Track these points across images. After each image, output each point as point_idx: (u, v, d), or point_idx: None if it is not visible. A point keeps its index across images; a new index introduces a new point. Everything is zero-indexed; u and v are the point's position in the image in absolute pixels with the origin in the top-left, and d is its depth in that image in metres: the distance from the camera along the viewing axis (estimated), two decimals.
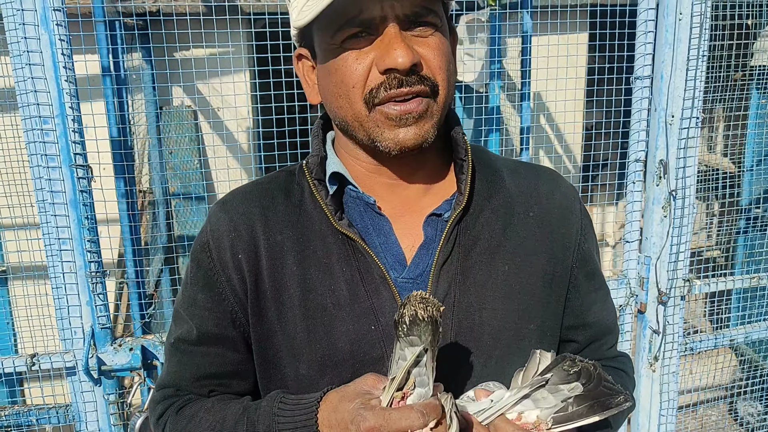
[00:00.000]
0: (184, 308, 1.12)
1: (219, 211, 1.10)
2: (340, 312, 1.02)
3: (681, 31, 2.21)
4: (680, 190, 2.32)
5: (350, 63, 0.95)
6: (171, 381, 1.13)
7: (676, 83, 2.24)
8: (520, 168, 1.17)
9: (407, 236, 1.06)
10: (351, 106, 0.97)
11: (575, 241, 1.13)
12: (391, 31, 0.92)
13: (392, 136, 0.96)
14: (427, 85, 0.94)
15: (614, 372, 1.20)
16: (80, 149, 1.94)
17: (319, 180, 1.06)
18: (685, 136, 2.28)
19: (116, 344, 2.11)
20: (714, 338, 2.56)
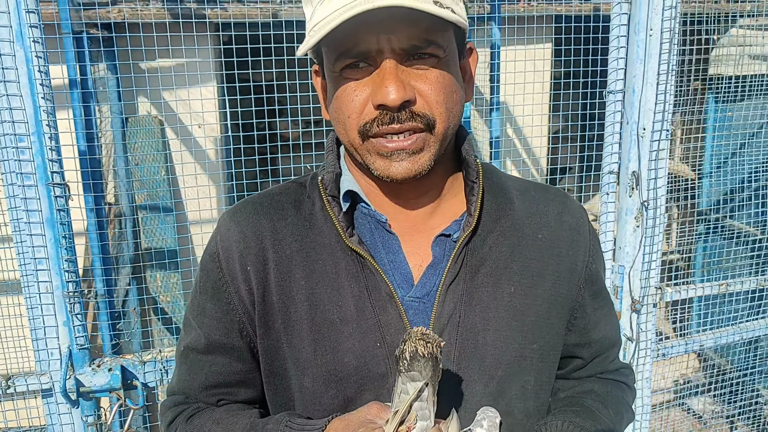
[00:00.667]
0: (193, 316, 1.13)
1: (229, 222, 1.11)
2: (347, 327, 1.03)
3: (651, 46, 2.27)
4: (652, 200, 2.38)
5: (348, 93, 0.96)
6: (180, 388, 1.16)
7: (647, 97, 2.30)
8: (530, 189, 1.18)
9: (415, 255, 1.08)
10: (347, 133, 0.99)
11: (583, 263, 1.15)
12: (386, 66, 0.93)
13: (383, 168, 0.98)
14: (420, 122, 0.95)
15: (615, 384, 1.23)
16: (57, 167, 1.90)
17: (332, 196, 1.07)
18: (656, 148, 2.34)
19: (95, 365, 2.06)
20: (685, 344, 2.63)
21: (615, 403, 1.19)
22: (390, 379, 1.02)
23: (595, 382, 1.22)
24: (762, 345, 3.61)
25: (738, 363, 3.77)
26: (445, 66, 0.98)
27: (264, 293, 1.06)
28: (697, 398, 3.94)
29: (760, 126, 3.56)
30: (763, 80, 3.33)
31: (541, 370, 1.11)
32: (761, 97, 3.39)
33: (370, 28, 0.91)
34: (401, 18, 0.90)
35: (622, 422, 1.19)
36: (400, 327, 1.02)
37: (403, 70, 0.94)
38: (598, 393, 1.19)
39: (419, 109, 0.95)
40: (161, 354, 2.15)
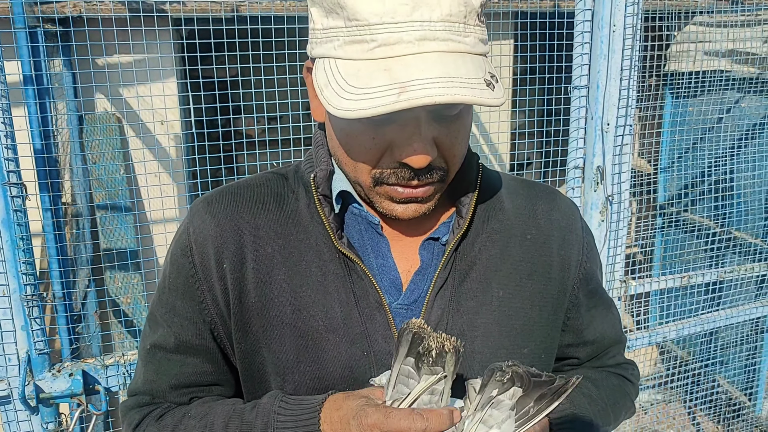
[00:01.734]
0: (161, 313, 1.06)
1: (204, 212, 1.03)
2: (333, 336, 0.98)
3: (615, 42, 2.30)
4: (616, 195, 2.41)
5: (364, 140, 0.89)
6: (147, 388, 1.07)
7: (611, 92, 2.33)
8: (519, 187, 1.14)
9: (404, 260, 1.04)
10: (356, 173, 0.94)
11: (577, 262, 1.12)
12: (416, 123, 0.86)
13: (390, 209, 0.95)
14: (438, 176, 0.92)
15: (611, 374, 1.19)
16: (14, 166, 1.83)
17: (324, 196, 1.00)
18: (619, 143, 2.37)
19: (55, 370, 2.00)
20: (648, 336, 2.67)
21: (609, 388, 1.15)
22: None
23: (592, 370, 1.19)
24: (720, 336, 3.70)
25: (697, 354, 3.85)
26: (467, 112, 0.93)
27: (240, 294, 1.00)
28: (651, 390, 4.02)
29: (716, 121, 3.64)
30: (718, 76, 3.40)
31: None
32: (717, 92, 3.47)
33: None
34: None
35: (618, 407, 1.15)
36: (387, 335, 0.99)
37: (429, 122, 0.88)
38: (592, 378, 1.16)
39: (438, 163, 0.91)
40: (124, 358, 2.09)
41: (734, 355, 3.84)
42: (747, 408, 3.91)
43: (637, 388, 1.23)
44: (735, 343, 3.78)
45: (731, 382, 4.02)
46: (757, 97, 3.65)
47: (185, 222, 1.05)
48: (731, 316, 2.91)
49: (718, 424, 3.96)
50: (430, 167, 0.90)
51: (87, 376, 2.03)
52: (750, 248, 3.63)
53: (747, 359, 3.83)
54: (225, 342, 1.04)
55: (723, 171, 3.67)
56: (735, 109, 3.71)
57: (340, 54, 0.85)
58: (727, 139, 3.60)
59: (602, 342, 1.19)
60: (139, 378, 1.09)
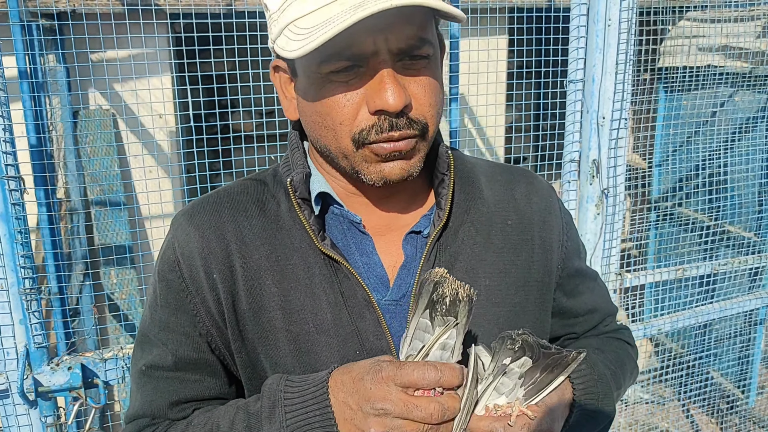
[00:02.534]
0: (154, 333, 1.04)
1: (186, 225, 1.02)
2: (324, 337, 0.98)
3: (610, 36, 2.31)
4: (611, 188, 2.42)
5: (338, 99, 0.90)
6: (145, 410, 1.05)
7: (606, 86, 2.34)
8: (496, 172, 1.15)
9: (388, 255, 1.04)
10: (337, 140, 0.93)
11: (558, 242, 1.13)
12: (383, 67, 0.87)
13: (377, 170, 0.94)
14: (417, 128, 0.91)
15: (612, 339, 1.22)
16: (12, 160, 1.83)
17: (303, 199, 1.00)
18: (615, 136, 2.38)
19: (53, 363, 2.00)
20: (644, 328, 2.69)
21: (613, 351, 1.17)
22: None
23: (592, 338, 1.21)
24: (713, 329, 3.72)
25: (690, 347, 3.88)
26: (434, 65, 0.94)
27: (234, 302, 0.99)
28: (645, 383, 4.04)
29: (709, 116, 3.66)
30: (711, 71, 3.42)
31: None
32: (711, 87, 3.48)
33: (366, 28, 0.83)
34: (399, 14, 0.84)
35: (625, 368, 1.16)
36: (378, 332, 0.99)
37: (398, 71, 0.89)
38: (593, 345, 1.17)
39: (415, 114, 0.91)
40: (123, 351, 2.09)
41: (727, 348, 3.87)
42: (740, 400, 3.94)
43: (636, 350, 1.25)
44: (728, 336, 3.81)
45: (724, 374, 4.05)
46: (750, 92, 3.67)
47: (168, 237, 1.04)
48: (725, 309, 2.94)
49: (712, 417, 3.99)
50: (408, 119, 0.90)
51: (86, 370, 2.03)
52: (743, 241, 3.66)
53: (740, 352, 3.86)
54: (224, 353, 1.04)
55: (716, 165, 3.70)
56: (728, 104, 3.73)
57: (295, 14, 0.88)
58: (720, 134, 3.62)
59: (596, 313, 1.21)
60: (135, 402, 1.07)
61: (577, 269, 1.17)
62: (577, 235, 1.20)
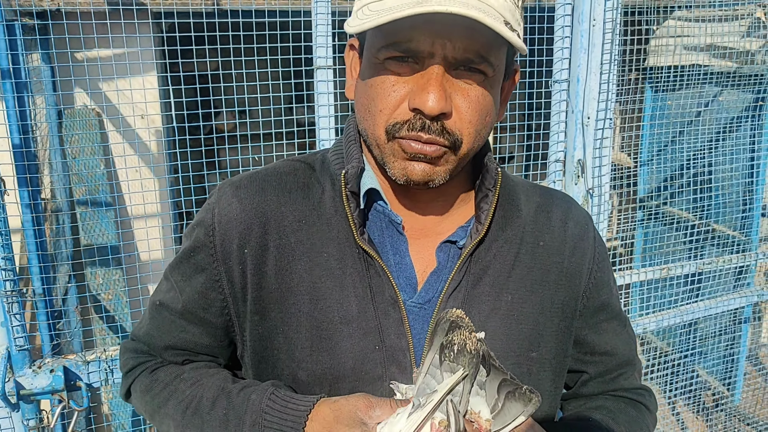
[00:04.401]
0: (176, 278, 1.09)
1: (231, 196, 1.05)
2: (347, 328, 1.00)
3: (595, 36, 2.31)
4: (596, 188, 2.43)
5: (387, 86, 0.92)
6: (146, 340, 1.13)
7: (591, 86, 2.34)
8: (536, 193, 1.15)
9: (421, 260, 1.05)
10: (374, 126, 0.95)
11: (588, 270, 1.12)
12: (433, 70, 0.89)
13: (401, 167, 0.95)
14: (448, 140, 0.92)
15: (629, 402, 1.18)
16: None
17: (352, 192, 1.02)
18: (600, 136, 2.39)
19: (35, 366, 1.99)
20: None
21: (628, 421, 1.14)
22: (385, 382, 1.00)
23: (607, 399, 1.18)
24: (700, 327, 3.74)
25: (677, 346, 3.89)
26: (490, 86, 0.94)
27: (261, 280, 1.02)
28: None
29: (695, 115, 3.68)
30: (697, 70, 3.44)
31: (541, 379, 1.08)
32: (696, 86, 3.50)
33: (430, 28, 0.87)
34: (463, 27, 0.86)
35: None
36: (400, 331, 1.00)
37: (449, 79, 0.91)
38: (609, 409, 1.15)
39: (451, 126, 0.92)
40: (105, 353, 2.08)
41: (713, 346, 3.89)
42: (726, 398, 3.97)
43: (655, 417, 1.21)
44: (714, 334, 3.83)
45: (710, 372, 4.07)
46: (735, 92, 3.69)
47: (211, 202, 1.07)
48: (710, 307, 2.95)
49: (698, 414, 4.01)
50: (443, 127, 0.91)
51: (68, 372, 2.02)
52: (728, 240, 3.68)
53: (726, 350, 3.88)
54: (234, 321, 1.07)
55: (702, 164, 3.71)
56: (714, 103, 3.75)
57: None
58: (706, 134, 3.63)
59: (613, 358, 1.17)
60: (143, 326, 1.15)
61: (604, 303, 1.15)
62: (610, 270, 1.19)
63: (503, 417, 0.88)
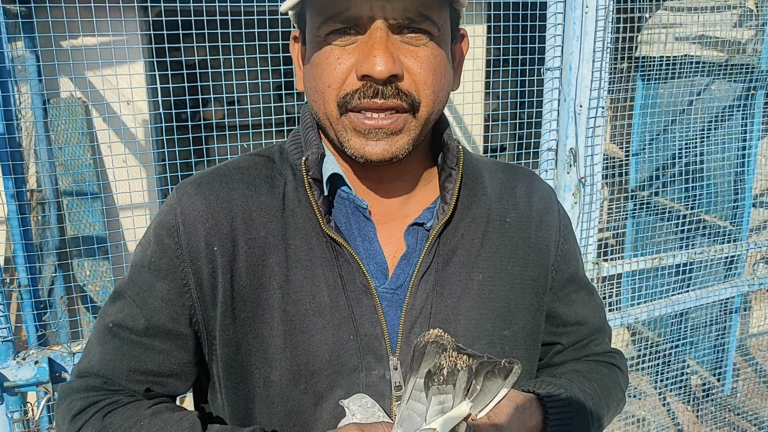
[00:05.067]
0: (132, 293, 1.01)
1: (194, 193, 1.00)
2: (320, 319, 0.97)
3: (587, 24, 2.29)
4: (588, 177, 2.41)
5: (331, 61, 0.90)
6: (101, 369, 1.01)
7: (584, 74, 2.32)
8: (499, 170, 1.14)
9: (390, 244, 1.03)
10: (324, 104, 0.92)
11: (554, 243, 1.12)
12: (375, 34, 0.87)
13: (359, 146, 0.92)
14: (405, 101, 0.89)
15: (601, 363, 1.19)
16: None
17: (314, 179, 0.98)
18: (592, 125, 2.37)
19: (20, 357, 1.95)
20: (621, 317, 2.69)
21: (601, 379, 1.14)
22: (361, 373, 0.97)
23: (578, 362, 1.19)
24: (690, 317, 3.74)
25: (667, 336, 3.90)
26: (438, 45, 0.92)
27: (232, 278, 0.97)
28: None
29: (686, 105, 3.67)
30: (688, 60, 3.42)
31: (516, 357, 1.04)
32: (687, 76, 3.49)
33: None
34: None
35: (611, 399, 1.14)
36: (374, 319, 0.98)
37: (393, 41, 0.88)
38: (581, 371, 1.15)
39: (405, 87, 0.89)
40: None
41: (703, 336, 3.90)
42: (716, 388, 3.98)
43: (626, 377, 1.23)
44: (704, 324, 3.84)
45: (701, 362, 4.08)
46: (726, 82, 3.68)
47: (171, 202, 1.01)
48: (701, 297, 2.95)
49: (688, 404, 4.02)
50: (397, 89, 0.88)
51: (53, 364, 1.99)
52: (719, 230, 3.68)
53: (716, 340, 3.89)
54: (202, 330, 1.01)
55: (693, 155, 3.71)
56: (704, 93, 3.74)
57: None
58: (696, 124, 3.63)
59: (585, 327, 1.18)
60: (93, 357, 1.02)
61: (572, 275, 1.16)
62: (575, 242, 1.19)
63: (483, 397, 0.87)
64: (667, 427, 3.90)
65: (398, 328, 0.99)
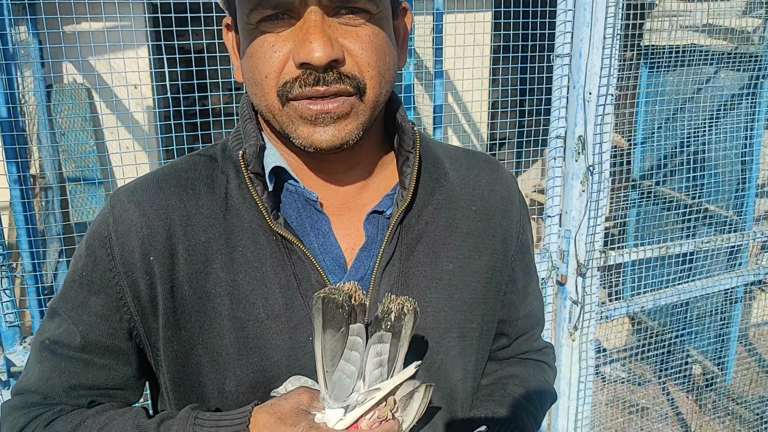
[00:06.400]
0: (67, 309, 0.95)
1: (126, 201, 0.93)
2: (275, 323, 0.91)
3: (598, 10, 2.27)
4: (597, 164, 2.40)
5: (265, 49, 0.84)
6: (39, 387, 0.96)
7: (594, 61, 2.31)
8: (461, 157, 1.10)
9: (347, 237, 0.98)
10: (264, 96, 0.87)
11: (516, 234, 1.09)
12: (310, 18, 0.81)
13: (306, 134, 0.86)
14: (350, 85, 0.84)
15: (537, 365, 1.19)
16: None
17: (256, 174, 0.92)
18: (601, 112, 2.36)
19: (26, 343, 1.94)
20: (626, 306, 2.68)
21: (537, 386, 1.15)
22: None
23: (518, 364, 1.18)
24: (691, 307, 3.74)
25: (668, 326, 3.90)
26: (378, 24, 0.87)
27: (172, 288, 0.91)
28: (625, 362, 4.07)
29: (691, 96, 3.65)
30: (694, 48, 3.41)
31: (480, 348, 1.06)
32: (694, 65, 3.47)
33: None
34: None
35: (545, 404, 1.16)
36: None
37: (330, 24, 0.83)
38: (520, 377, 1.15)
39: (348, 70, 0.84)
40: None
41: (706, 326, 3.90)
42: (718, 378, 3.98)
43: (555, 371, 1.24)
44: (706, 314, 3.84)
45: (703, 352, 4.09)
46: (732, 71, 3.66)
47: (103, 212, 0.96)
48: (706, 287, 2.94)
49: (690, 394, 4.03)
50: (339, 74, 0.84)
51: None
52: (722, 220, 3.67)
53: (719, 329, 3.89)
54: (145, 342, 0.96)
55: (697, 145, 3.70)
56: (710, 82, 3.72)
57: None
58: (701, 114, 3.61)
59: (530, 319, 1.17)
60: (30, 376, 0.97)
61: (527, 265, 1.14)
62: (531, 230, 1.17)
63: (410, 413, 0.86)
64: (668, 417, 3.91)
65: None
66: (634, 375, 4.08)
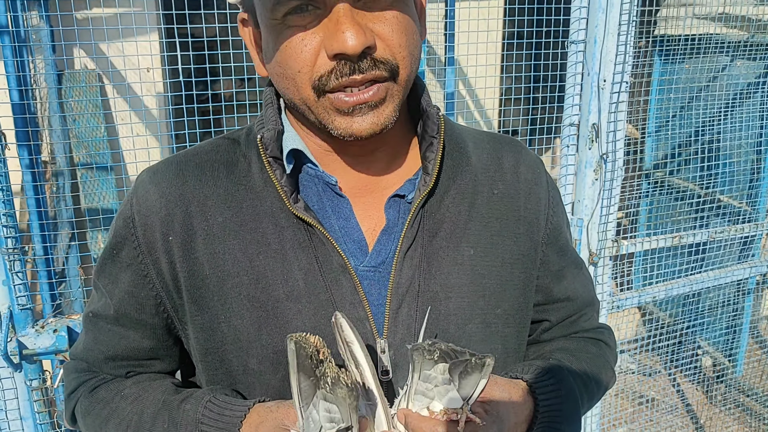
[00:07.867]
0: (103, 282, 1.02)
1: (148, 183, 0.97)
2: (296, 305, 0.93)
3: None
4: (610, 153, 2.38)
5: (295, 44, 0.84)
6: (84, 355, 1.07)
7: (608, 48, 2.28)
8: (484, 141, 1.09)
9: (368, 219, 0.98)
10: (298, 90, 0.87)
11: (544, 216, 1.07)
12: (339, 8, 0.81)
13: (345, 125, 0.87)
14: (384, 69, 0.84)
15: (590, 341, 1.15)
16: None
17: (274, 158, 0.94)
18: (615, 100, 2.33)
19: (38, 326, 1.95)
20: (638, 296, 2.67)
21: (589, 358, 1.11)
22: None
23: (567, 340, 1.15)
24: (702, 298, 3.72)
25: (678, 317, 3.88)
26: (402, 4, 0.86)
27: (192, 267, 0.94)
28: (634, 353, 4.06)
29: (704, 86, 3.61)
30: (708, 37, 3.37)
31: (507, 336, 1.03)
32: (707, 55, 3.43)
33: None
34: None
35: (600, 377, 1.11)
36: (355, 300, 0.93)
37: (358, 12, 0.82)
38: (570, 349, 1.12)
39: (381, 55, 0.84)
40: None
41: (716, 317, 3.88)
42: (728, 370, 3.97)
43: (615, 353, 1.20)
44: (717, 305, 3.81)
45: (714, 344, 4.07)
46: (747, 61, 3.62)
47: (130, 193, 1.00)
48: (718, 278, 2.92)
49: (699, 385, 4.02)
50: (373, 60, 0.84)
51: (72, 333, 1.98)
52: (734, 210, 3.64)
53: (730, 321, 3.87)
54: (173, 317, 1.00)
55: (710, 135, 3.66)
56: (724, 72, 3.68)
57: None
58: (715, 104, 3.58)
59: (574, 302, 1.14)
60: (80, 343, 1.08)
61: (561, 249, 1.12)
62: (564, 214, 1.15)
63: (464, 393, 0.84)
64: (678, 408, 3.90)
65: (384, 309, 0.95)
66: (643, 366, 4.06)
